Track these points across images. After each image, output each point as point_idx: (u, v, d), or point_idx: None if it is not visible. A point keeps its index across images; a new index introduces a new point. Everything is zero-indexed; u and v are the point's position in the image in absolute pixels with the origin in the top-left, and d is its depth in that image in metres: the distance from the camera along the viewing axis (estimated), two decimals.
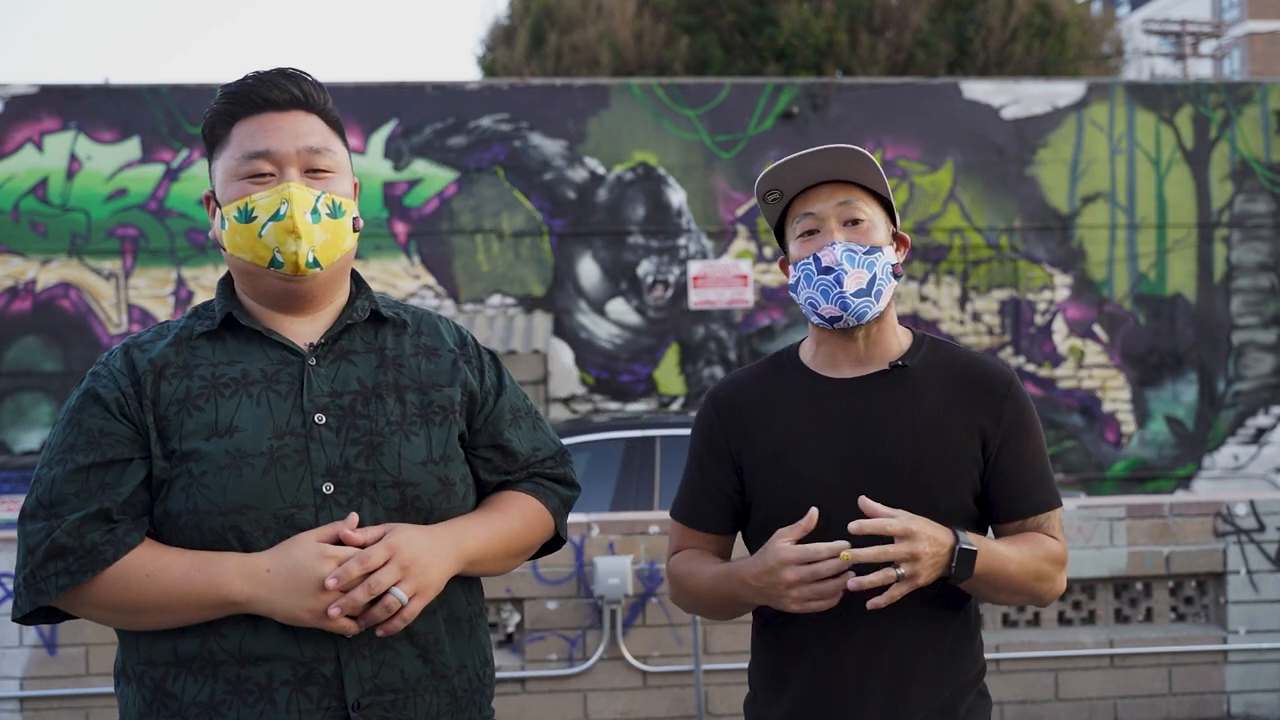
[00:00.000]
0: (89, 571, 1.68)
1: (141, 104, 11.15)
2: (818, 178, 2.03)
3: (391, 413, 1.80)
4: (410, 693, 1.76)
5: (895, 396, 2.01)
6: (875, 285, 1.99)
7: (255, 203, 1.78)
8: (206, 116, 1.86)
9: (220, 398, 1.76)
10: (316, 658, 1.71)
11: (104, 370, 1.79)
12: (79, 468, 1.71)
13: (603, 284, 11.65)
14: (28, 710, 4.75)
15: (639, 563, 4.93)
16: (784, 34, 18.18)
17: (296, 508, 1.72)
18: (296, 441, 1.75)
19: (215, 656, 1.71)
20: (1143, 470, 12.02)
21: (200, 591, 1.69)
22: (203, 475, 1.71)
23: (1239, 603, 5.18)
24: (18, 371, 11.11)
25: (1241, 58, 39.50)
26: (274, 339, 1.81)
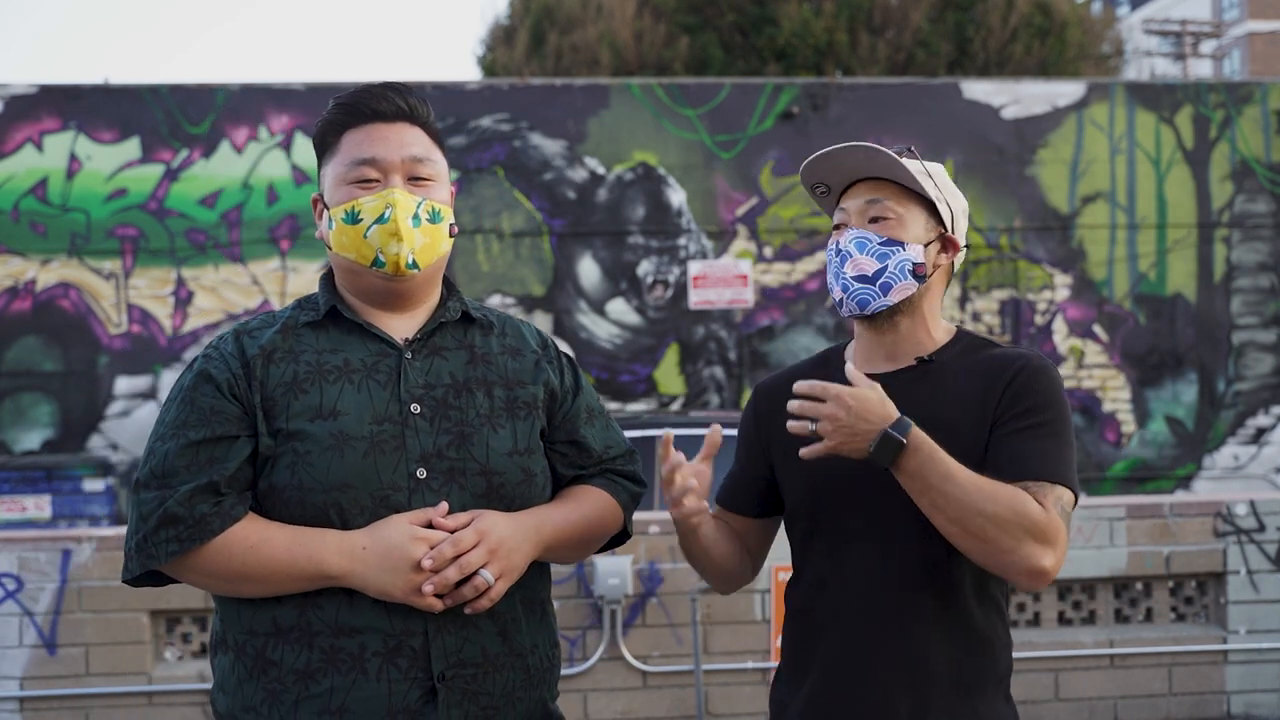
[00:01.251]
0: (197, 540, 1.81)
1: (141, 104, 11.15)
2: (856, 175, 2.09)
3: (480, 406, 1.95)
4: (489, 667, 1.89)
5: (918, 393, 2.02)
6: (883, 277, 2.02)
7: (361, 206, 1.94)
8: (319, 125, 2.02)
9: (324, 383, 1.90)
10: (406, 631, 1.84)
11: (215, 353, 1.93)
12: (190, 443, 1.85)
13: (603, 284, 11.65)
14: (28, 710, 4.75)
15: (639, 563, 4.93)
16: (784, 34, 18.17)
17: (392, 489, 1.86)
18: (394, 428, 1.89)
19: (312, 627, 1.84)
20: (1143, 470, 12.02)
21: (300, 565, 1.82)
22: (308, 454, 1.85)
23: (1239, 603, 5.18)
24: (18, 371, 11.10)
25: (1241, 58, 39.50)
26: (373, 332, 1.96)
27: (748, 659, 4.98)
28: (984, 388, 2.01)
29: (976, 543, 1.87)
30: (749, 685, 4.96)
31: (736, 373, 11.68)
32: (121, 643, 4.76)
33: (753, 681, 4.97)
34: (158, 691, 4.78)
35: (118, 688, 4.74)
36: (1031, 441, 1.95)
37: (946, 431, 1.97)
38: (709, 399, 11.65)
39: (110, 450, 11.15)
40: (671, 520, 2.06)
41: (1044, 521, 1.87)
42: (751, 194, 11.71)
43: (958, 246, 2.12)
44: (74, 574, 4.74)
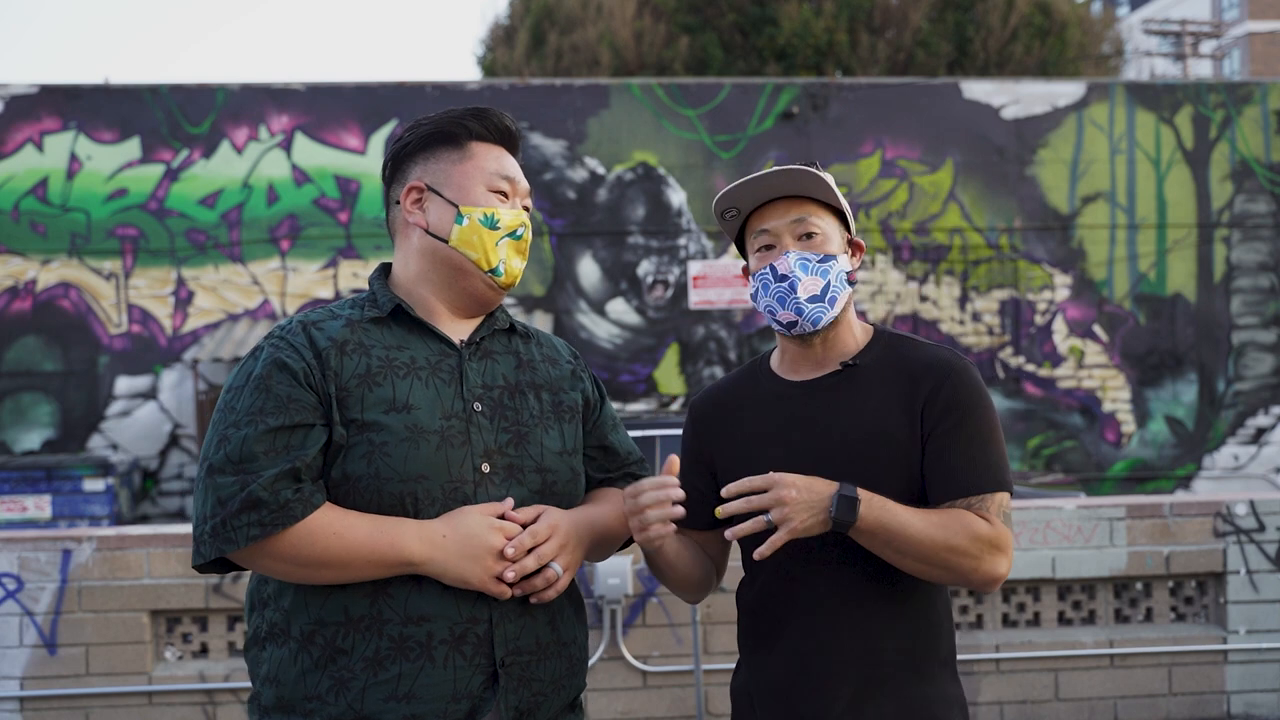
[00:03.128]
0: (280, 525, 1.83)
1: (141, 104, 11.15)
2: (771, 194, 2.15)
3: (533, 408, 2.05)
4: (541, 655, 1.98)
5: (844, 396, 2.12)
6: (829, 292, 2.11)
7: (501, 215, 2.05)
8: (445, 119, 2.09)
9: (396, 377, 1.95)
10: (472, 619, 1.91)
11: (284, 344, 1.95)
12: (270, 429, 1.87)
13: (603, 284, 11.65)
14: (28, 710, 4.75)
15: (639, 563, 4.93)
16: (784, 34, 18.19)
17: (461, 482, 1.93)
18: (460, 424, 1.96)
19: (382, 615, 1.88)
20: (1143, 470, 12.02)
21: (383, 551, 1.86)
22: (384, 445, 1.89)
23: (1239, 603, 5.18)
24: (18, 371, 11.10)
25: (1241, 58, 39.52)
26: (435, 332, 2.03)
27: None
28: (909, 391, 2.09)
29: (941, 571, 2.01)
30: None
31: None
32: (121, 643, 4.76)
33: None
34: (158, 691, 4.78)
35: (118, 688, 4.74)
36: (963, 455, 2.05)
37: (876, 431, 2.07)
38: None
39: (110, 450, 11.15)
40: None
41: (993, 535, 2.01)
42: None
43: (863, 248, 2.22)
44: (74, 574, 4.74)
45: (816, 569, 2.09)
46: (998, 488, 2.04)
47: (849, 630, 2.07)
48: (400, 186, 2.10)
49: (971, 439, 2.06)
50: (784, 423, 2.14)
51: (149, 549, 4.75)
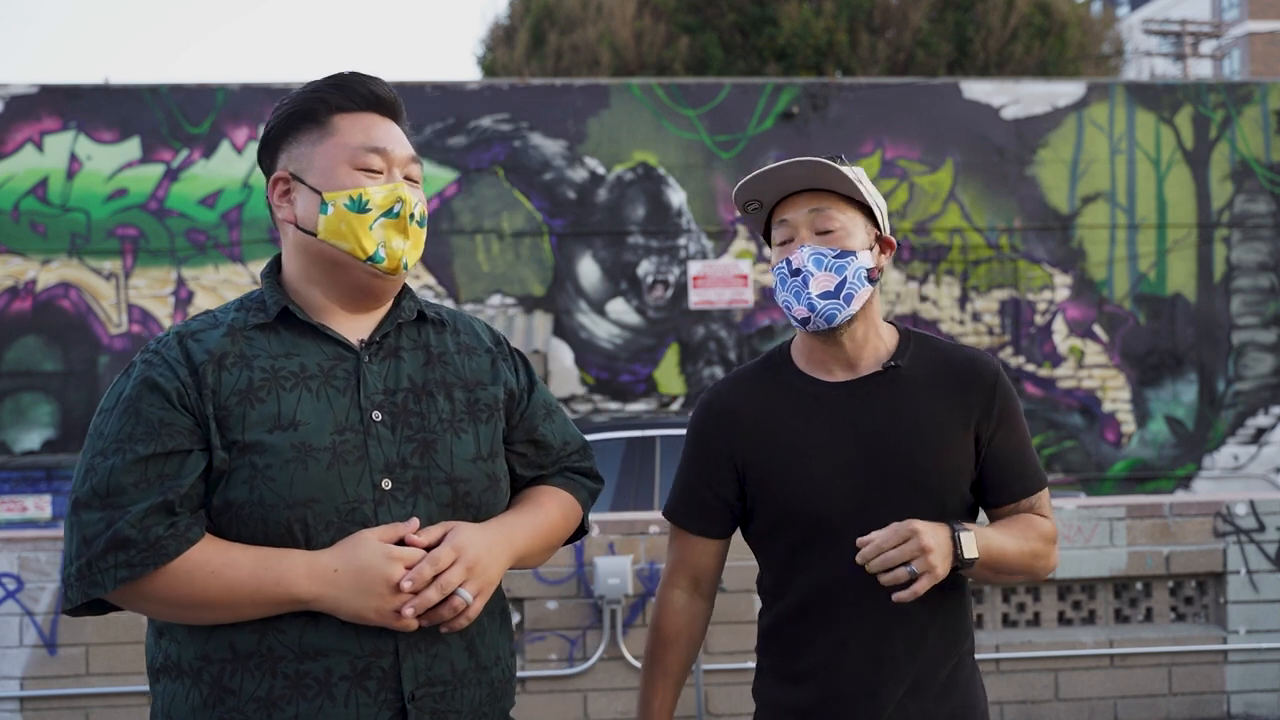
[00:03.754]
0: (151, 565, 1.67)
1: (141, 104, 11.15)
2: (792, 187, 2.09)
3: (442, 410, 1.84)
4: (458, 684, 1.80)
5: (892, 398, 2.07)
6: (845, 289, 2.05)
7: (370, 195, 1.81)
8: (299, 98, 1.87)
9: (281, 390, 1.76)
10: (375, 651, 1.74)
11: (158, 359, 1.77)
12: (139, 458, 1.69)
13: (603, 284, 11.65)
14: (28, 710, 4.75)
15: (639, 563, 4.93)
16: (784, 34, 18.18)
17: (358, 502, 1.75)
18: (356, 438, 1.77)
19: (274, 652, 1.72)
20: (1143, 470, 12.02)
21: (268, 590, 1.69)
22: (268, 468, 1.72)
23: (1239, 603, 5.18)
24: (18, 371, 11.11)
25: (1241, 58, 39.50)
26: (328, 334, 1.83)
27: (748, 659, 4.98)
28: (961, 391, 2.08)
29: (1023, 576, 2.12)
30: (749, 685, 4.96)
31: None
32: (121, 643, 4.76)
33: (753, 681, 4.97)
34: None
35: (118, 688, 4.74)
36: (1020, 455, 2.13)
37: (930, 432, 2.05)
38: None
39: None
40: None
41: (1052, 531, 2.13)
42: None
43: (893, 245, 2.17)
44: None
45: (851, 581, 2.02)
46: (1044, 484, 2.16)
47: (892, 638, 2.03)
48: (269, 178, 1.90)
49: (1021, 440, 2.13)
50: (830, 425, 2.06)
51: None
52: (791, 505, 2.06)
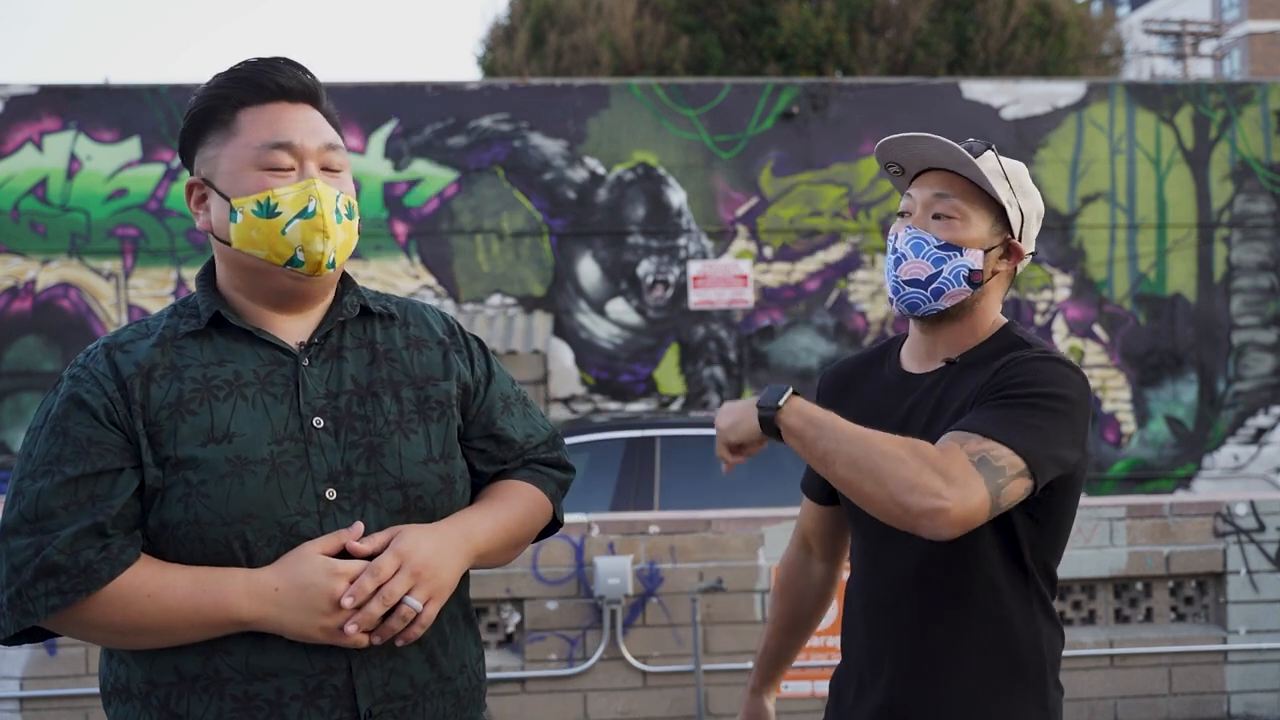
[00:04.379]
0: (83, 591, 1.59)
1: (141, 104, 11.15)
2: (932, 163, 2.01)
3: (389, 411, 1.75)
4: (419, 698, 1.73)
5: (941, 394, 2.00)
6: (935, 282, 1.96)
7: (279, 197, 1.70)
8: (201, 97, 1.75)
9: (214, 401, 1.67)
10: (326, 669, 1.66)
11: (85, 374, 1.68)
12: (67, 479, 1.61)
13: (603, 284, 11.65)
14: (28, 710, 4.75)
15: (639, 563, 4.93)
16: (784, 34, 18.18)
17: (301, 515, 1.67)
18: (296, 447, 1.68)
19: (220, 674, 1.65)
20: (1143, 470, 12.02)
21: (206, 612, 1.62)
22: (202, 484, 1.63)
23: (1239, 603, 5.18)
24: (18, 371, 11.11)
25: (1241, 58, 39.49)
26: (264, 338, 1.74)
27: (748, 659, 4.98)
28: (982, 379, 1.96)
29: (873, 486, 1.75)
30: None
31: (736, 373, 11.68)
32: None
33: None
34: None
35: None
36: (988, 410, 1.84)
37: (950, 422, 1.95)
38: (709, 399, 11.65)
39: None
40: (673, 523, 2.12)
41: (938, 458, 1.75)
42: (751, 194, 11.71)
43: (1022, 254, 2.02)
44: None
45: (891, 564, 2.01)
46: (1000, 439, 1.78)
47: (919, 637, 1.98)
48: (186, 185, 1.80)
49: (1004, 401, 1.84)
50: (884, 414, 2.02)
51: None
52: None
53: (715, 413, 1.90)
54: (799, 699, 4.83)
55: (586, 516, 4.99)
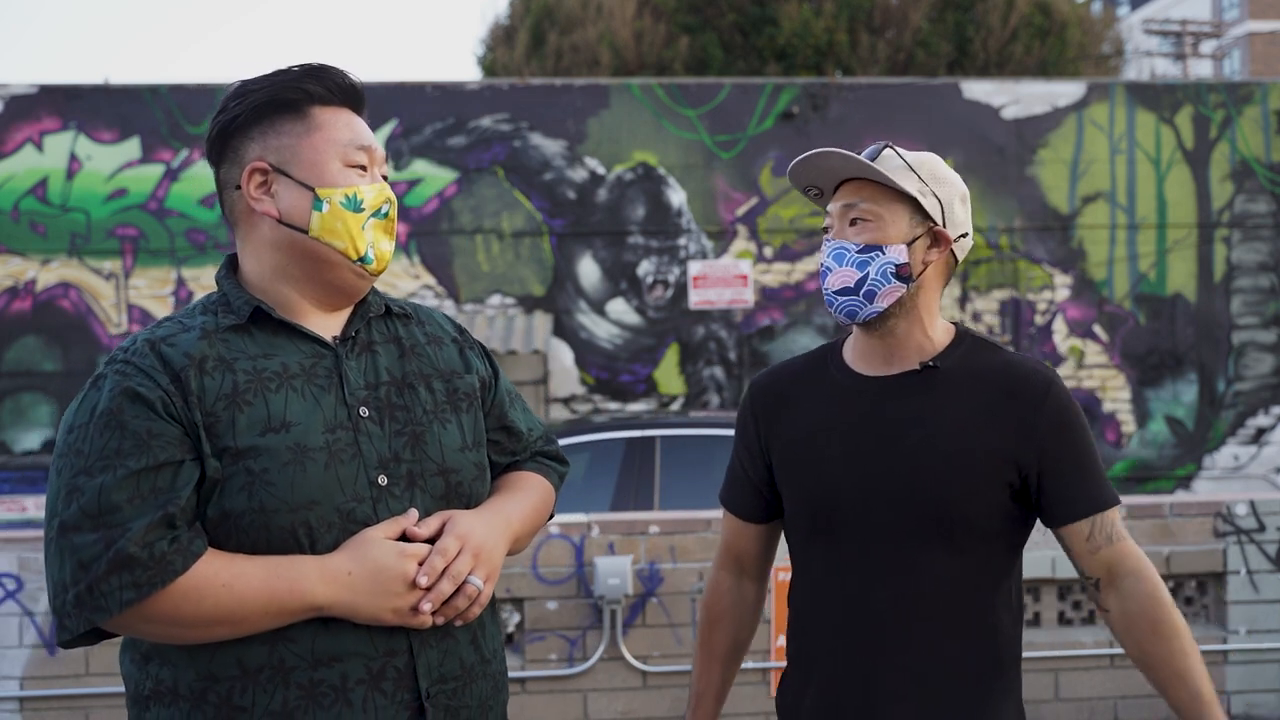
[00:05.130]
0: (159, 584, 1.58)
1: (141, 104, 11.15)
2: (841, 176, 2.04)
3: (425, 401, 1.82)
4: (467, 679, 1.79)
5: (920, 400, 1.98)
6: (866, 285, 1.97)
7: (364, 194, 1.77)
8: (274, 83, 1.78)
9: (267, 392, 1.70)
10: (389, 651, 1.70)
11: (131, 369, 1.67)
12: (130, 473, 1.60)
13: (603, 284, 11.65)
14: (28, 710, 4.75)
15: (639, 563, 4.93)
16: (784, 34, 18.17)
17: (356, 501, 1.70)
18: (347, 435, 1.72)
19: (286, 663, 1.66)
20: (1143, 470, 12.02)
21: (282, 599, 1.63)
22: (264, 472, 1.65)
23: (1239, 603, 5.18)
24: (18, 371, 11.11)
25: (1241, 58, 39.50)
26: (304, 332, 1.78)
27: (748, 659, 4.98)
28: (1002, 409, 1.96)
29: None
30: (749, 685, 4.96)
31: (736, 373, 11.68)
32: None
33: (753, 681, 4.97)
34: None
35: (118, 688, 4.74)
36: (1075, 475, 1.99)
37: (953, 444, 1.94)
38: (709, 399, 11.65)
39: None
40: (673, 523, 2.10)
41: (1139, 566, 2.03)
42: (751, 194, 11.71)
43: (948, 239, 2.02)
44: None
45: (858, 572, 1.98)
46: (1108, 504, 2.01)
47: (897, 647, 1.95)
48: (236, 168, 1.79)
49: (1077, 458, 1.97)
50: (854, 421, 2.00)
51: None
52: (803, 494, 2.04)
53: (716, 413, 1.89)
54: None
55: (586, 516, 4.98)
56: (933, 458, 1.94)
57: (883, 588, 1.95)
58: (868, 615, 1.96)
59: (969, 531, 1.94)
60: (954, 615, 1.95)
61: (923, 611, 1.94)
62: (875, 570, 1.96)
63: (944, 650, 1.94)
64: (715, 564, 2.26)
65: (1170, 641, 1.92)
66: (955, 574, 1.95)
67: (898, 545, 1.94)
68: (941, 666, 1.94)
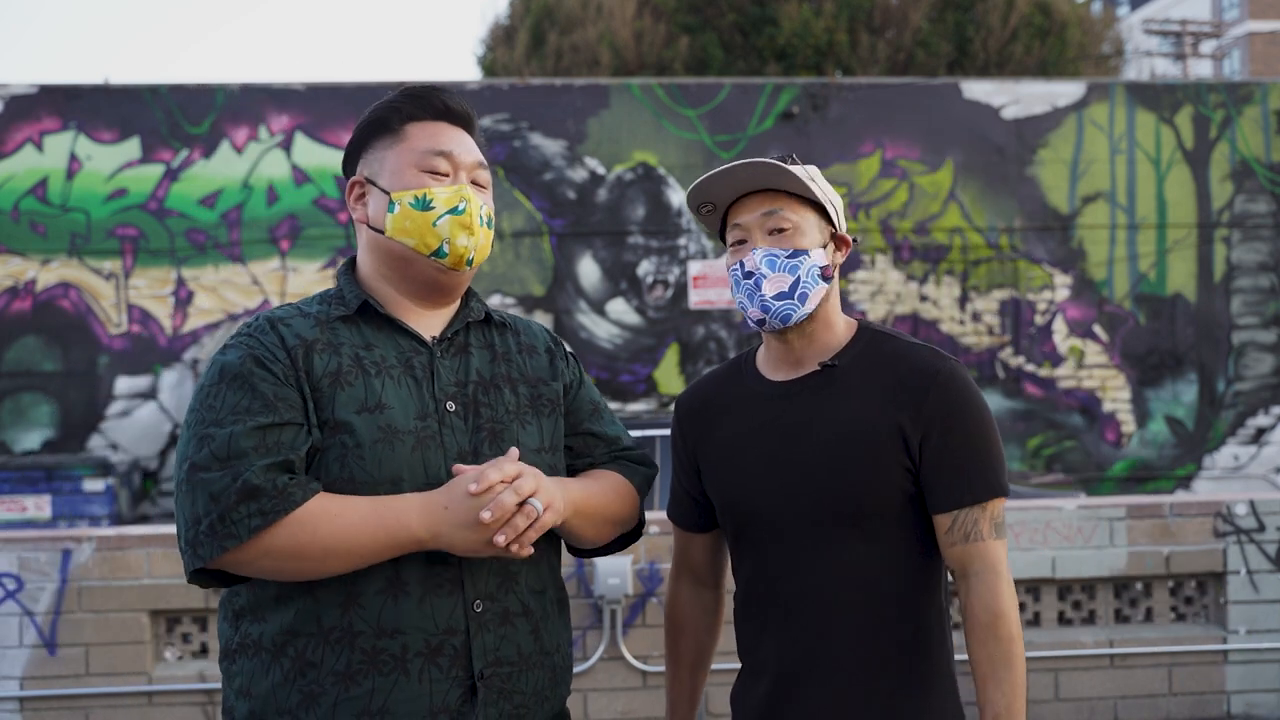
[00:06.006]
0: (282, 511, 1.74)
1: (141, 104, 11.15)
2: (745, 188, 2.10)
3: (508, 402, 1.97)
4: (523, 666, 1.89)
5: (821, 399, 2.06)
6: (799, 288, 2.05)
7: (434, 195, 1.94)
8: (379, 108, 2.01)
9: (367, 375, 1.87)
10: (448, 630, 1.82)
11: (256, 342, 1.87)
12: (258, 425, 1.78)
13: (603, 284, 11.65)
14: (28, 710, 4.75)
15: (639, 563, 4.93)
16: (784, 34, 18.17)
17: (437, 485, 1.84)
18: (433, 425, 1.88)
19: (354, 627, 1.80)
20: (1143, 470, 12.02)
21: (389, 527, 1.78)
22: (357, 447, 1.82)
23: (1239, 603, 5.18)
24: (18, 372, 11.10)
25: (1241, 58, 39.50)
26: (405, 328, 1.94)
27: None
28: (891, 395, 2.02)
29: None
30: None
31: None
32: (121, 643, 4.76)
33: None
34: (158, 691, 4.78)
35: (118, 688, 4.74)
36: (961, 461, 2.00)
37: (852, 436, 2.01)
38: None
39: (110, 450, 11.15)
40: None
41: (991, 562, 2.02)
42: None
43: (848, 243, 2.15)
44: (74, 574, 4.74)
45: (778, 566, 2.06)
46: (992, 494, 2.01)
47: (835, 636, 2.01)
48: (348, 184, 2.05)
49: (965, 445, 2.00)
50: (763, 425, 2.09)
51: (149, 549, 4.75)
52: (726, 499, 2.12)
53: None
54: None
55: None
56: (833, 450, 2.01)
57: (802, 579, 2.03)
58: (791, 608, 2.04)
59: (877, 517, 2.00)
60: (870, 603, 2.01)
61: (842, 600, 2.01)
62: (794, 564, 2.04)
63: (862, 637, 2.01)
64: (671, 576, 2.32)
65: (981, 648, 1.97)
66: (868, 561, 2.01)
67: (814, 538, 2.02)
68: (860, 653, 2.01)
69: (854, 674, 2.00)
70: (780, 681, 2.06)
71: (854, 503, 2.00)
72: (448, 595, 1.83)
